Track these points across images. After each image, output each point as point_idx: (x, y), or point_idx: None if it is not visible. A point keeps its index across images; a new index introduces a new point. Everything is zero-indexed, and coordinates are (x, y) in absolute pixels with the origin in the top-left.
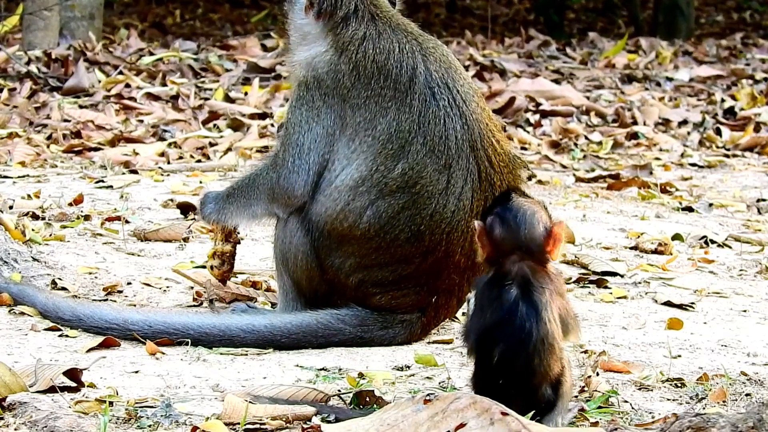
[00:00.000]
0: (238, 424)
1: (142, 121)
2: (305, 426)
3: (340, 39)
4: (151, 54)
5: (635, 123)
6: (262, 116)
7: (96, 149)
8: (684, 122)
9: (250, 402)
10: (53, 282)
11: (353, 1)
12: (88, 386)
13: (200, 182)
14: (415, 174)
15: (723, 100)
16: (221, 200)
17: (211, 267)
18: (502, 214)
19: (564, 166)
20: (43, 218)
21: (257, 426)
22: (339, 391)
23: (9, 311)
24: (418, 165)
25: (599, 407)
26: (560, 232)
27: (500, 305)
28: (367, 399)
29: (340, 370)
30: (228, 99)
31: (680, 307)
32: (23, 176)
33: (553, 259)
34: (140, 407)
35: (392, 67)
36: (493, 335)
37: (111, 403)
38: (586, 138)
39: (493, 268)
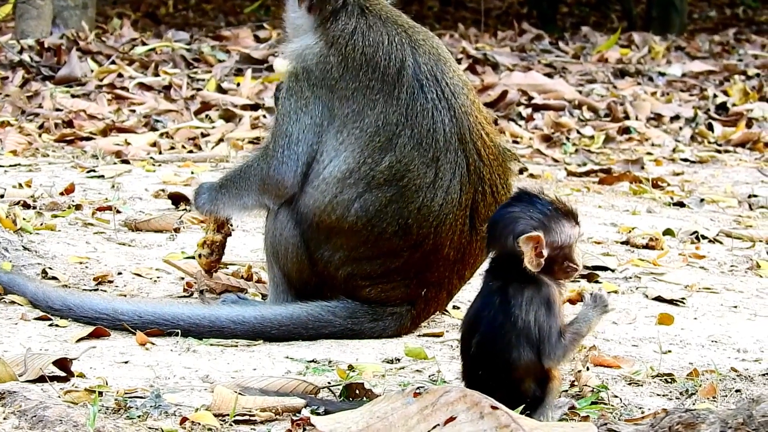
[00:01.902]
0: (228, 415)
1: (134, 111)
2: (294, 418)
3: (330, 32)
4: (144, 44)
5: (627, 118)
6: (255, 107)
7: (88, 139)
8: (676, 117)
9: (239, 393)
10: (44, 271)
11: None
12: (77, 376)
13: (192, 173)
14: (402, 167)
15: (715, 96)
16: (214, 191)
17: (200, 255)
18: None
19: (556, 160)
20: (34, 207)
21: (246, 417)
22: (329, 383)
23: None
24: (406, 158)
25: (592, 403)
26: (525, 246)
27: (481, 296)
28: (357, 391)
29: (329, 362)
30: (220, 90)
31: (671, 302)
32: (15, 165)
33: (531, 268)
34: (129, 397)
35: (380, 60)
36: (473, 325)
37: (100, 393)
38: (578, 132)
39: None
